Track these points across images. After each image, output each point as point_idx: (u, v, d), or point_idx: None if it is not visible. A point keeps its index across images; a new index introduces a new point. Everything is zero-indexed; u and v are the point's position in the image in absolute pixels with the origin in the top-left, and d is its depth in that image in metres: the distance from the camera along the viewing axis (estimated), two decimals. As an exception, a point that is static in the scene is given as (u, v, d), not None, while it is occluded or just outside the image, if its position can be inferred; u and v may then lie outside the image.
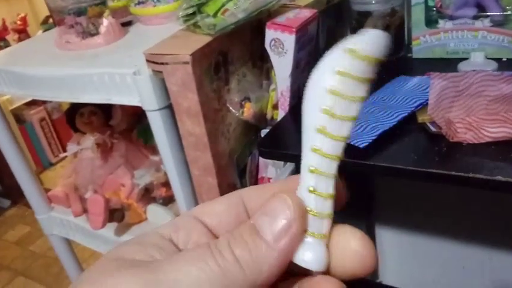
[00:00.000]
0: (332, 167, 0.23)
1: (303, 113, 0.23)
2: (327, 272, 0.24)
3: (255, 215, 0.23)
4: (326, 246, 0.23)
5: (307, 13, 0.73)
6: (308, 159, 0.23)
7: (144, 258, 0.22)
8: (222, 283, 0.20)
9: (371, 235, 1.23)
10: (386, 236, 1.23)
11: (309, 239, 0.23)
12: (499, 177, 0.52)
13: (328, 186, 0.23)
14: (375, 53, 0.21)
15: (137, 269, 0.21)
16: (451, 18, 0.80)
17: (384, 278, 1.31)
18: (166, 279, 0.20)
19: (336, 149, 0.23)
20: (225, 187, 0.75)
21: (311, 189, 0.23)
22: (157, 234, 0.24)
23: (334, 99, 0.22)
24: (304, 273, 0.24)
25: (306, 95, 0.23)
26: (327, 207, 0.23)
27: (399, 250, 1.24)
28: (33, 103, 2.35)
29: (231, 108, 0.73)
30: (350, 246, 0.23)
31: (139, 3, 0.87)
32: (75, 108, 0.99)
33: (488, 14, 0.77)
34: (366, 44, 0.21)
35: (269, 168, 0.82)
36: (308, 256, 0.23)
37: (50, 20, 2.24)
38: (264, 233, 0.22)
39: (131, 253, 0.22)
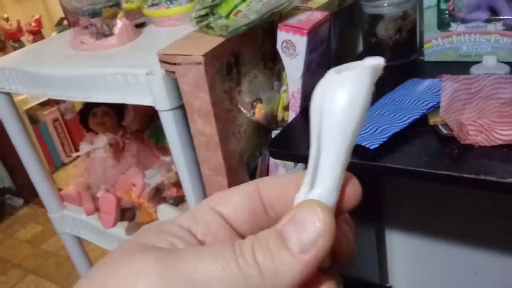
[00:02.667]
0: None
1: (334, 120, 0.22)
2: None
3: (282, 219, 0.22)
4: None
5: (319, 15, 0.73)
6: (343, 165, 0.23)
7: (165, 246, 0.22)
8: (239, 286, 0.20)
9: (381, 238, 1.23)
10: (396, 239, 1.23)
11: None
12: (511, 180, 0.52)
13: None
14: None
15: (157, 253, 0.21)
16: (463, 21, 0.80)
17: (394, 282, 1.30)
18: (183, 270, 0.20)
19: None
20: (236, 187, 0.75)
21: None
22: (176, 224, 0.24)
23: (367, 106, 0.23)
24: None
25: (340, 102, 0.22)
26: None
27: (409, 254, 1.23)
28: (46, 104, 2.38)
29: (242, 109, 0.74)
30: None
31: (152, 5, 0.88)
32: (88, 109, 1.00)
33: (501, 17, 0.77)
34: (382, 61, 0.23)
35: (279, 169, 0.82)
36: None
37: (65, 22, 2.27)
38: (291, 242, 0.21)
39: (152, 240, 0.22)
